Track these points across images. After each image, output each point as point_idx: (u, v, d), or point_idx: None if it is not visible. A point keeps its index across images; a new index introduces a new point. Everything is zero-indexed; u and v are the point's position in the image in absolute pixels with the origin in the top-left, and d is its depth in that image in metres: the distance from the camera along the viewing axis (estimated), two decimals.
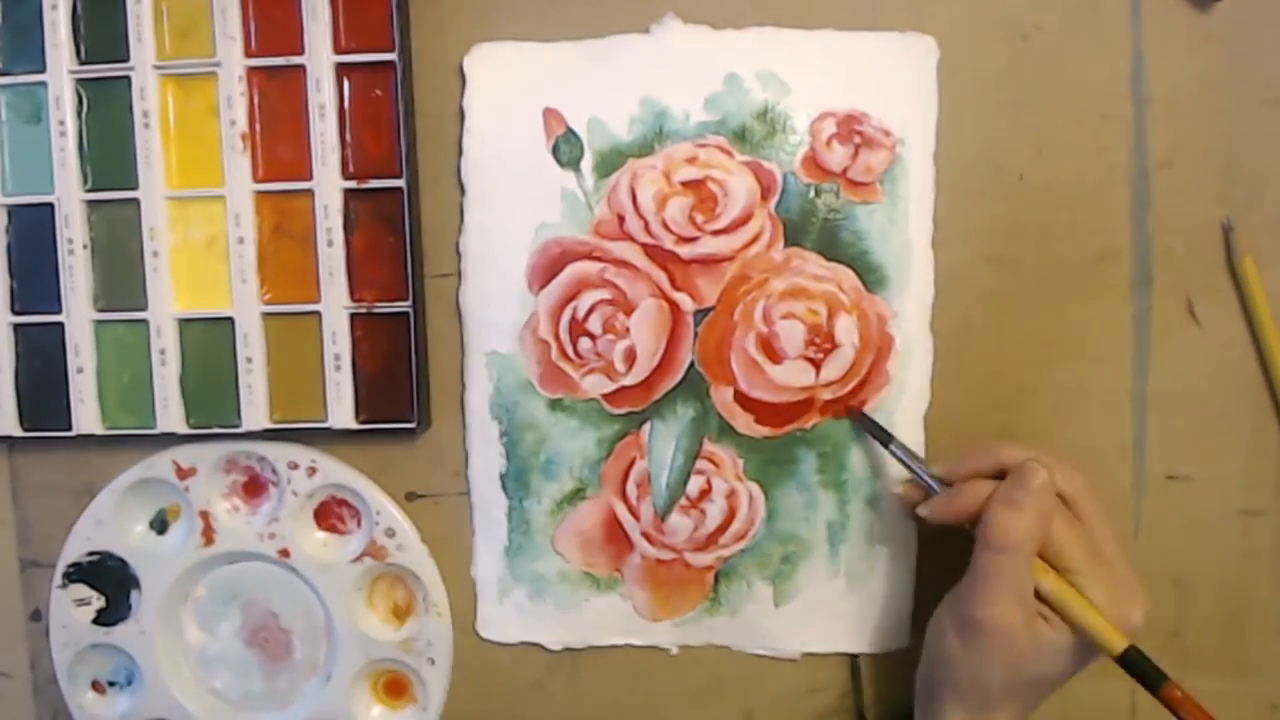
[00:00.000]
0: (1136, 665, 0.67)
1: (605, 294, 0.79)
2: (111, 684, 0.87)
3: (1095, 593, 0.67)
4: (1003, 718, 0.71)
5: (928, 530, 0.79)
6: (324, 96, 0.78)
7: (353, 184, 0.79)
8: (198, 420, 0.81)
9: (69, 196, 0.80)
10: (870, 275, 0.77)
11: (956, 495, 0.72)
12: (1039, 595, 0.68)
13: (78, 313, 0.81)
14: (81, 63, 0.80)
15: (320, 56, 0.78)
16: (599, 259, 0.78)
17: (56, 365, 0.81)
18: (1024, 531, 0.66)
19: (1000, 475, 0.70)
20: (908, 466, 0.76)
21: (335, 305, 0.79)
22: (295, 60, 0.78)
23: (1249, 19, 0.76)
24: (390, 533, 0.82)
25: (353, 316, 0.80)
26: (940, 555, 0.79)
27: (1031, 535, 0.67)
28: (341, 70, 0.78)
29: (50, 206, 0.80)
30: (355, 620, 0.83)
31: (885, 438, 0.77)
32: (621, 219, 0.78)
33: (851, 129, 0.77)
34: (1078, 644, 0.68)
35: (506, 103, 0.78)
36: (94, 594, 0.85)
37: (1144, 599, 0.69)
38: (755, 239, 0.77)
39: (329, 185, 0.79)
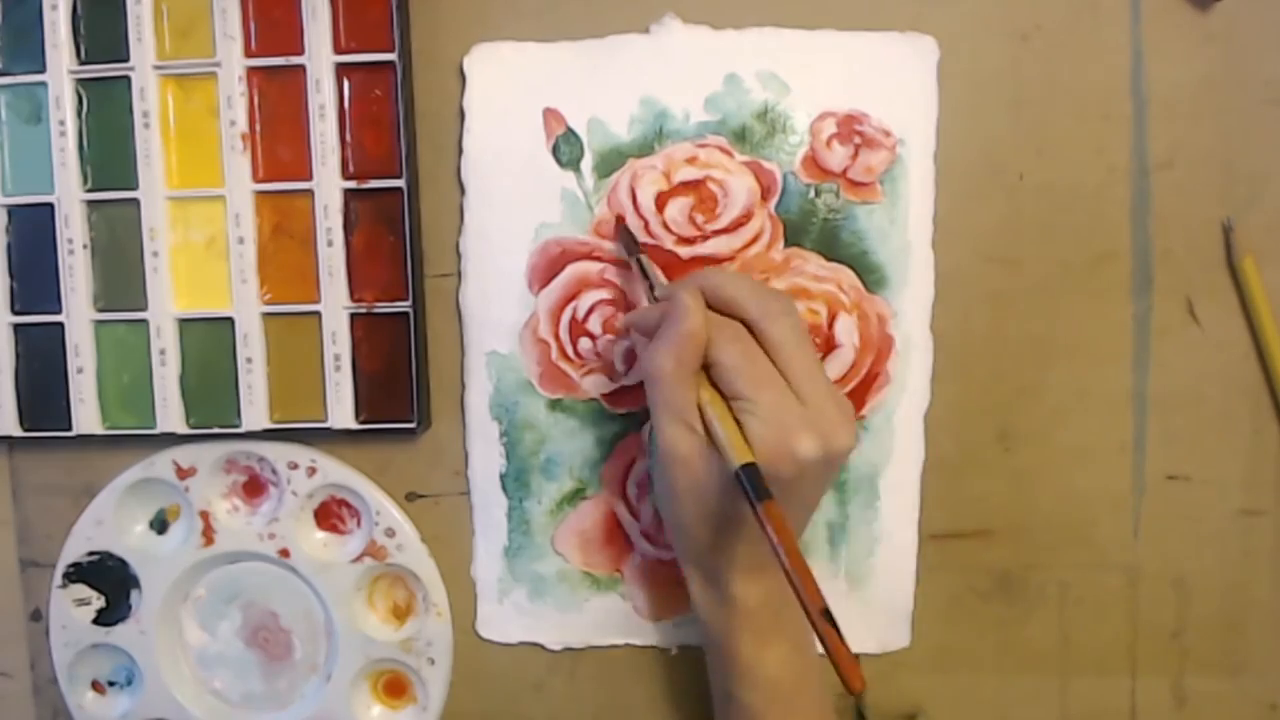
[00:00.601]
0: (750, 480, 0.61)
1: (605, 294, 0.79)
2: (111, 684, 0.87)
3: (754, 419, 0.64)
4: (730, 574, 0.69)
5: (929, 532, 0.79)
6: (324, 96, 0.78)
7: (353, 184, 0.79)
8: (198, 420, 0.81)
9: (69, 196, 0.80)
10: (870, 275, 0.77)
11: (647, 312, 0.71)
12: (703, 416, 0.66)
13: (78, 313, 0.81)
14: (81, 63, 0.80)
15: (320, 56, 0.78)
16: (599, 259, 0.79)
17: (56, 365, 0.81)
18: (662, 360, 0.65)
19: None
20: (647, 276, 0.74)
21: (335, 305, 0.79)
22: (295, 60, 0.78)
23: (1249, 19, 0.76)
24: (390, 533, 0.82)
25: (353, 316, 0.80)
26: (941, 556, 0.79)
27: (670, 363, 0.65)
28: (341, 70, 0.78)
29: (50, 206, 0.80)
30: (355, 620, 0.83)
31: (635, 249, 0.76)
32: (622, 219, 0.78)
33: (851, 129, 0.77)
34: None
35: (506, 103, 0.78)
36: (94, 594, 0.85)
37: (828, 433, 0.65)
38: (755, 239, 0.77)
39: (329, 185, 0.79)
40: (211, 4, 0.78)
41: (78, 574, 0.84)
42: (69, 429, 0.82)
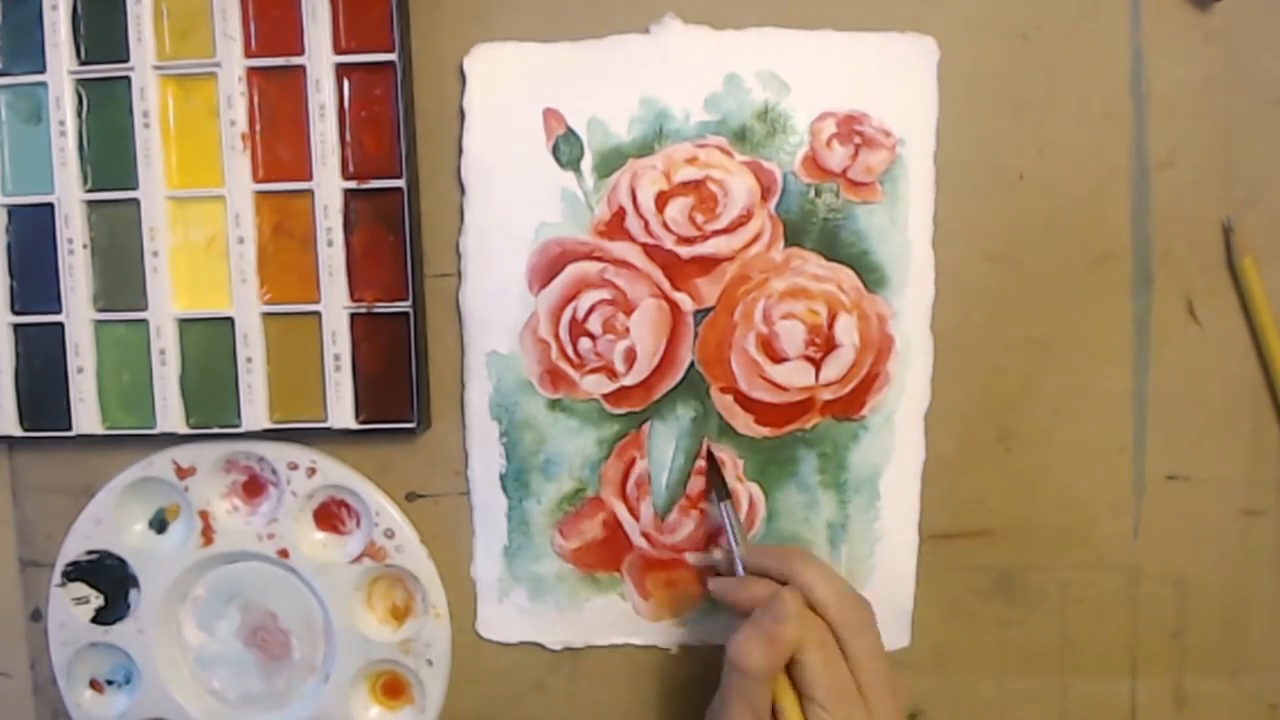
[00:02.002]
0: None
1: (605, 294, 0.79)
2: (110, 683, 0.86)
3: None
4: None
5: (929, 532, 0.79)
6: (324, 96, 0.78)
7: (353, 184, 0.79)
8: (198, 420, 0.81)
9: (69, 196, 0.80)
10: (870, 275, 0.77)
11: (739, 587, 0.73)
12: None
13: (78, 313, 0.81)
14: (81, 63, 0.80)
15: (320, 56, 0.78)
16: (599, 259, 0.78)
17: (56, 365, 0.81)
18: (759, 660, 0.67)
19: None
20: (730, 529, 0.76)
21: (335, 305, 0.79)
22: (295, 60, 0.78)
23: (1249, 19, 0.76)
24: (389, 533, 0.82)
25: (353, 316, 0.80)
26: (940, 557, 0.79)
27: (766, 665, 0.67)
28: (341, 70, 0.78)
29: (50, 206, 0.80)
30: (354, 621, 0.83)
31: (723, 494, 0.77)
32: (621, 219, 0.78)
33: (851, 129, 0.77)
34: None
35: (506, 103, 0.78)
36: (93, 593, 0.85)
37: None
38: (755, 239, 0.78)
39: (329, 185, 0.79)
40: (211, 4, 0.78)
41: (76, 572, 0.84)
42: (69, 429, 0.82)
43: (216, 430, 0.81)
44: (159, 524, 0.85)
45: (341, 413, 0.80)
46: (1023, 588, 0.80)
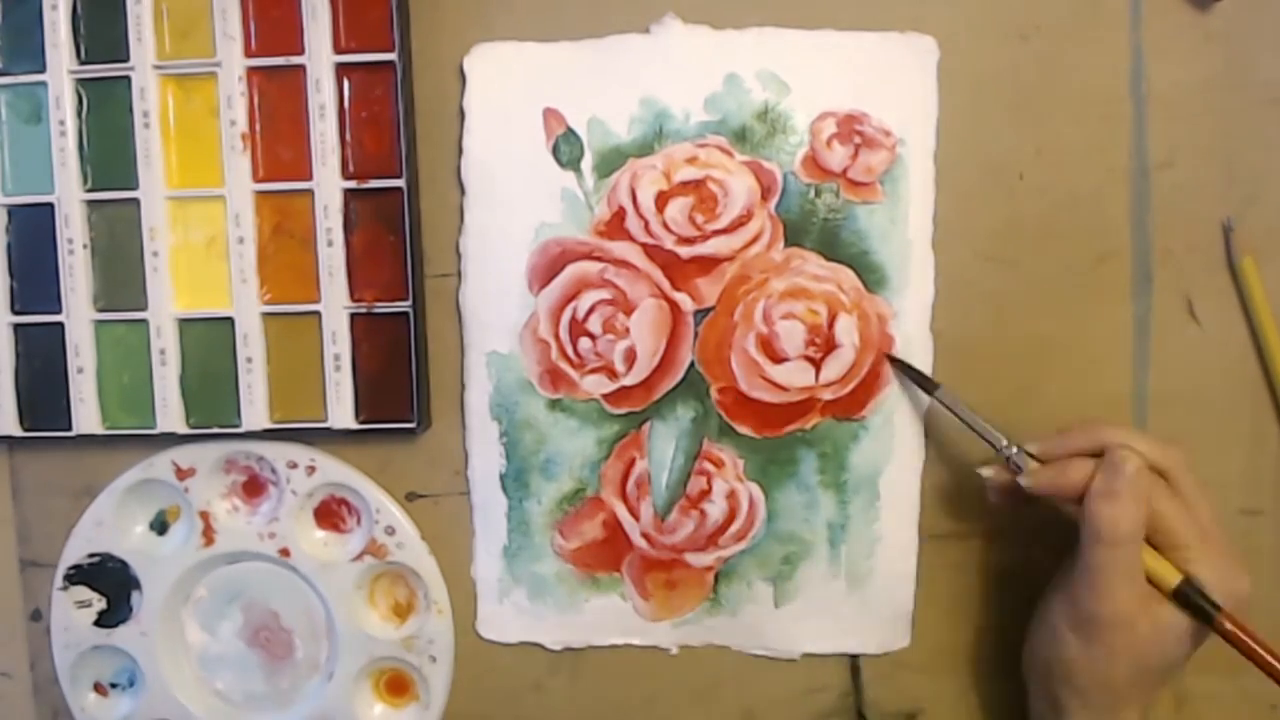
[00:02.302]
0: (1189, 596, 0.67)
1: (605, 294, 0.79)
2: (113, 685, 0.87)
3: (1203, 568, 0.68)
4: (1129, 714, 0.70)
5: (929, 532, 0.79)
6: (324, 96, 0.78)
7: (353, 184, 0.79)
8: (198, 420, 0.81)
9: (69, 196, 0.80)
10: (870, 275, 0.77)
11: (1064, 469, 0.71)
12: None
13: (78, 313, 0.81)
14: (81, 63, 0.80)
15: (320, 56, 0.78)
16: (599, 259, 0.79)
17: (56, 365, 0.81)
18: (1130, 522, 0.67)
19: (1097, 454, 0.71)
20: (964, 420, 0.75)
21: (335, 305, 0.79)
22: (295, 60, 0.78)
23: (1249, 19, 0.77)
24: (390, 530, 0.82)
25: (353, 316, 0.80)
26: (940, 557, 0.79)
27: (1136, 524, 0.67)
28: (341, 70, 0.78)
29: (50, 206, 0.80)
30: (356, 619, 0.83)
31: (931, 384, 0.77)
32: (621, 219, 0.78)
33: (851, 129, 0.77)
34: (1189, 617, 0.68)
35: (506, 103, 0.78)
36: (95, 596, 0.85)
37: (1245, 570, 0.69)
38: (755, 239, 0.78)
39: (329, 185, 0.79)
40: (211, 4, 0.78)
41: (78, 576, 0.84)
42: (69, 429, 0.82)
43: (216, 430, 0.81)
44: (160, 525, 0.85)
45: (341, 413, 0.80)
46: (1023, 588, 0.80)
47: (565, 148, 0.78)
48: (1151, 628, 0.68)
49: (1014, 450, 0.73)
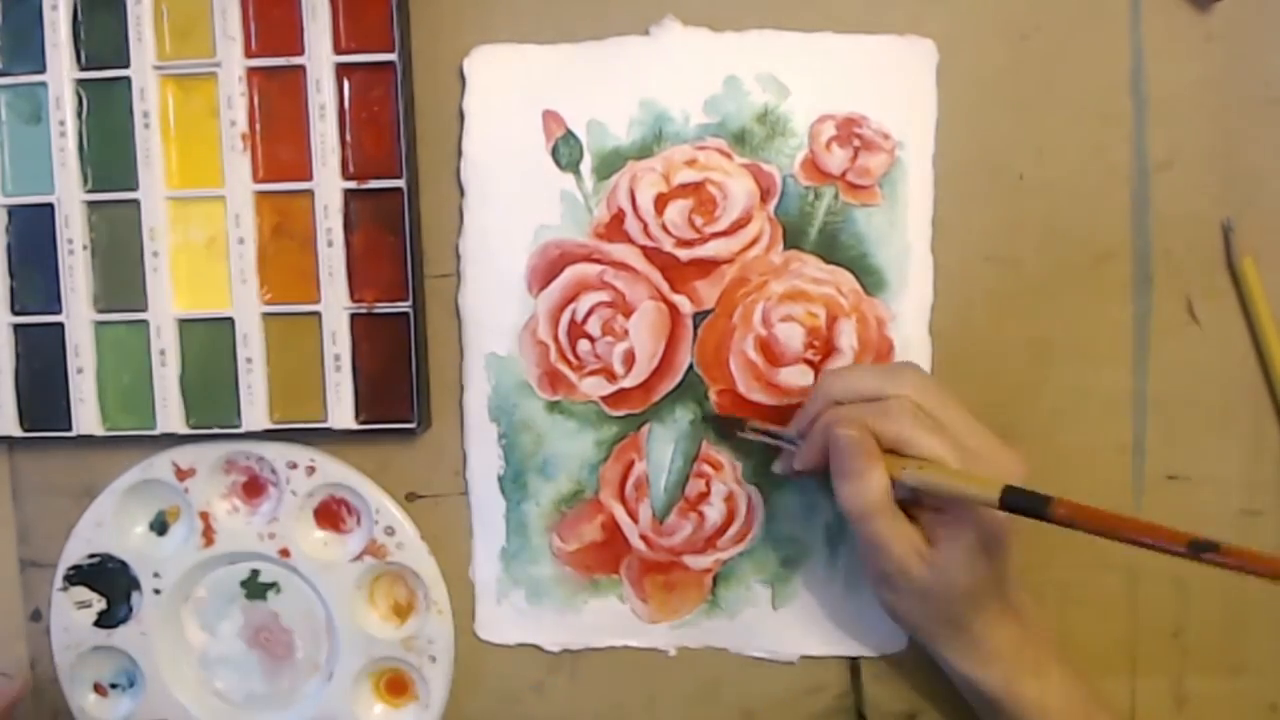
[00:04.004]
0: (1017, 501, 0.64)
1: (604, 296, 0.79)
2: (113, 686, 0.87)
3: (987, 471, 0.67)
4: (981, 628, 0.71)
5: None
6: (324, 97, 0.78)
7: (353, 184, 0.79)
8: (198, 420, 0.81)
9: (69, 197, 0.80)
10: (869, 278, 0.77)
11: (810, 445, 0.71)
12: (909, 490, 0.68)
13: (78, 313, 0.81)
14: (81, 63, 0.80)
15: (320, 57, 0.78)
16: (598, 261, 0.79)
17: (56, 365, 0.81)
18: (870, 493, 0.67)
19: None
20: (770, 436, 0.76)
21: (335, 305, 0.79)
22: (295, 60, 0.78)
23: (1249, 19, 0.76)
24: (390, 531, 0.82)
25: (353, 317, 0.80)
26: None
27: (877, 491, 0.67)
28: (341, 70, 0.78)
29: (50, 206, 0.80)
30: (356, 619, 0.83)
31: (739, 425, 0.78)
32: (621, 221, 0.78)
33: (851, 132, 0.77)
34: (968, 546, 0.68)
35: (506, 104, 0.78)
36: (95, 596, 0.85)
37: (1021, 461, 0.69)
38: (754, 241, 0.78)
39: (329, 185, 0.79)
40: (211, 4, 0.78)
41: (78, 576, 0.84)
42: (69, 429, 0.82)
43: (216, 430, 0.81)
44: (160, 526, 0.85)
45: (341, 413, 0.80)
46: (1022, 588, 0.80)
47: (565, 150, 0.78)
48: (930, 572, 0.68)
49: (792, 439, 0.74)
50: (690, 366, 0.79)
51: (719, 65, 0.77)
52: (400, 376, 0.80)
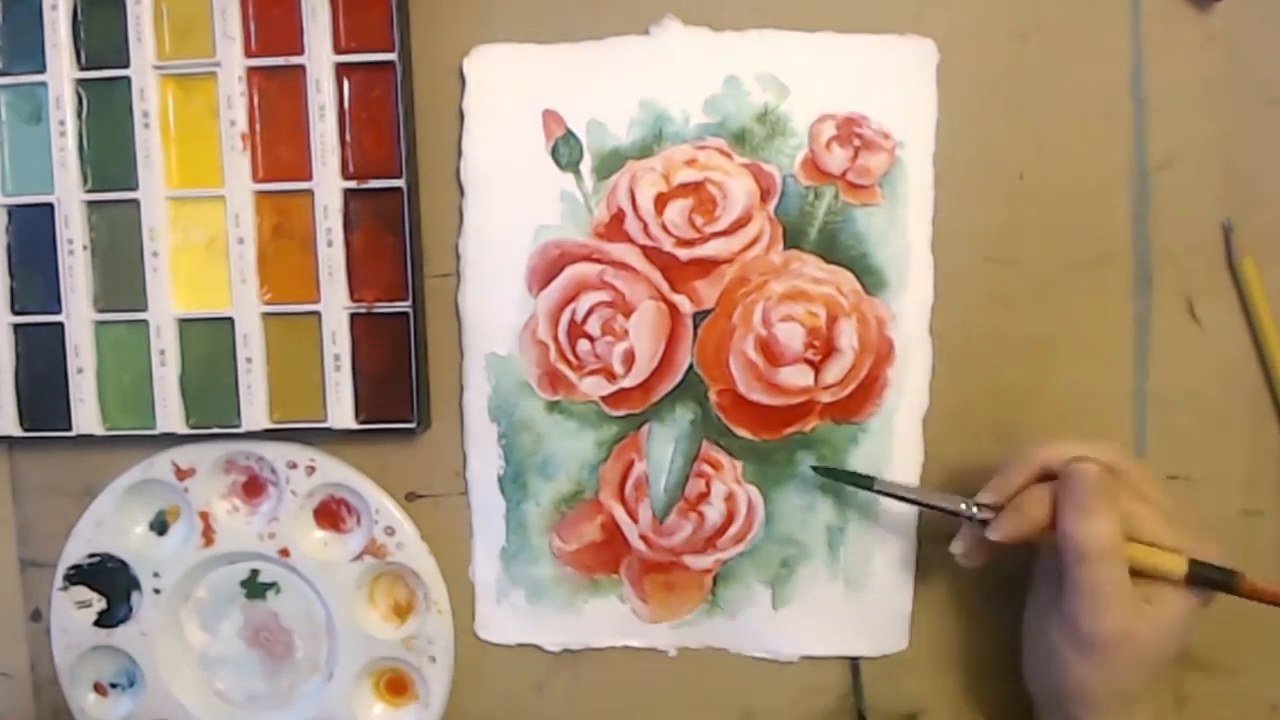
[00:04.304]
0: (1206, 575, 0.67)
1: (604, 296, 0.79)
2: (113, 685, 0.87)
3: (1178, 545, 0.68)
4: (1143, 712, 0.70)
5: (928, 533, 0.79)
6: (324, 97, 0.78)
7: (353, 184, 0.79)
8: (198, 420, 0.81)
9: (69, 196, 0.80)
10: (869, 278, 0.77)
11: (1023, 509, 0.70)
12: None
13: (78, 313, 0.81)
14: (81, 63, 0.80)
15: (320, 57, 0.78)
16: (598, 261, 0.79)
17: (56, 365, 0.81)
18: (1109, 532, 0.66)
19: (1048, 477, 0.71)
20: (909, 501, 0.76)
21: (335, 305, 0.79)
22: (295, 60, 0.78)
23: (1249, 19, 0.76)
24: (390, 531, 0.82)
25: (353, 317, 0.80)
26: (939, 558, 0.79)
27: (1116, 532, 0.66)
28: (341, 70, 0.78)
29: (50, 206, 0.80)
30: (356, 619, 0.83)
31: (866, 480, 0.77)
32: (621, 221, 0.78)
33: (851, 131, 0.77)
34: (1181, 603, 0.68)
35: (506, 104, 0.78)
36: (95, 596, 0.85)
37: (1211, 541, 0.69)
38: (754, 241, 0.78)
39: (329, 185, 0.79)
40: (211, 4, 0.78)
41: (78, 576, 0.84)
42: (69, 429, 0.82)
43: (216, 430, 0.81)
44: (160, 526, 0.85)
45: (341, 413, 0.80)
46: (1022, 588, 0.80)
47: (564, 149, 0.78)
48: (1152, 629, 0.67)
49: (973, 509, 0.72)
50: (690, 366, 0.79)
51: (719, 65, 0.77)
52: (400, 376, 0.80)
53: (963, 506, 0.73)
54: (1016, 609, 0.77)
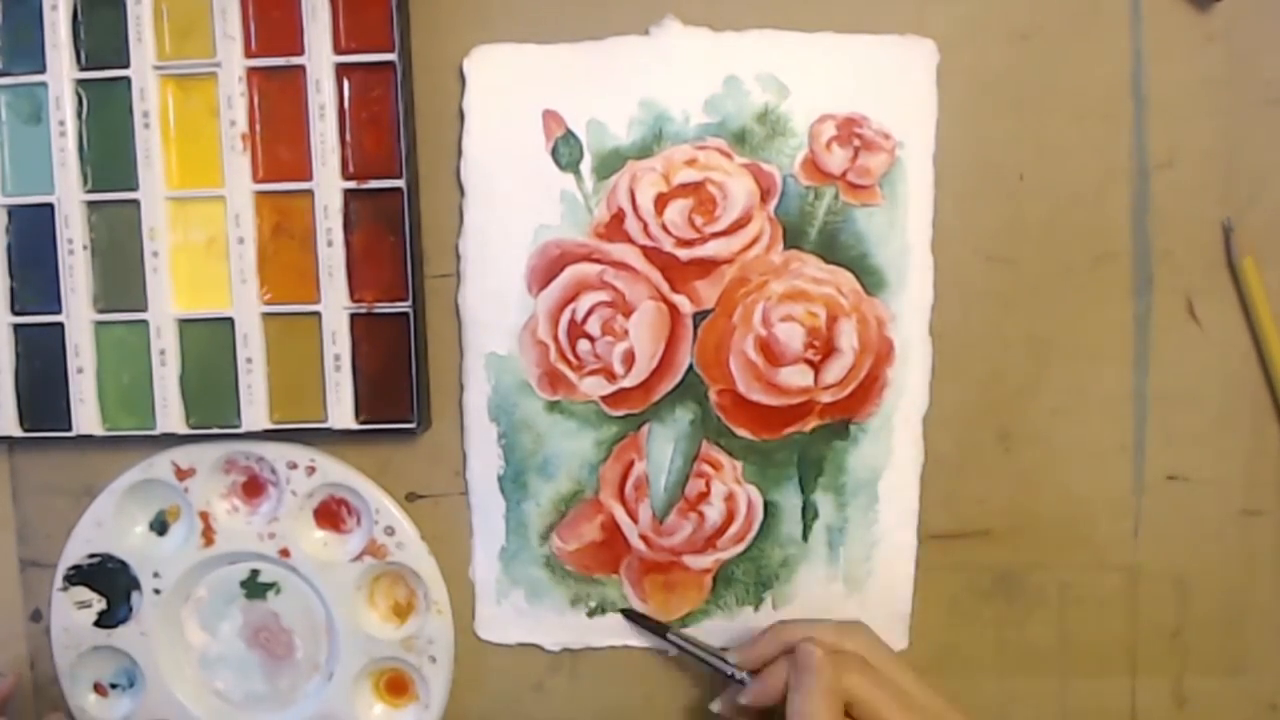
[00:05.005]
0: None
1: (604, 296, 0.79)
2: (113, 685, 0.87)
3: None
4: None
5: (927, 534, 0.79)
6: (324, 97, 0.78)
7: (353, 184, 0.79)
8: (198, 420, 0.81)
9: (69, 197, 0.80)
10: (869, 278, 0.77)
11: (767, 680, 0.74)
12: None
13: (78, 313, 0.81)
14: (81, 63, 0.80)
15: (320, 57, 0.78)
16: (598, 261, 0.79)
17: (56, 365, 0.81)
18: (823, 712, 0.68)
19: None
20: (693, 654, 0.79)
21: (335, 305, 0.79)
22: (295, 60, 0.78)
23: (1249, 19, 0.76)
24: (390, 531, 0.82)
25: (353, 317, 0.80)
26: (939, 558, 0.79)
27: (831, 712, 0.69)
28: (341, 70, 0.78)
29: (50, 206, 0.80)
30: (356, 619, 0.83)
31: (661, 628, 0.81)
32: (621, 221, 0.78)
33: (851, 132, 0.77)
34: None
35: (506, 104, 0.78)
36: (95, 596, 0.85)
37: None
38: (754, 241, 0.78)
39: (329, 185, 0.79)
40: (211, 4, 0.78)
41: (78, 576, 0.84)
42: (69, 429, 0.82)
43: (216, 430, 0.81)
44: (160, 526, 0.85)
45: (341, 413, 0.80)
46: (1022, 588, 0.80)
47: (564, 149, 0.78)
48: None
49: (742, 673, 0.76)
50: (690, 366, 0.79)
51: (719, 65, 0.77)
52: (400, 376, 0.80)
53: (731, 668, 0.77)
54: (1015, 609, 0.78)
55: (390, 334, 0.80)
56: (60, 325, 0.81)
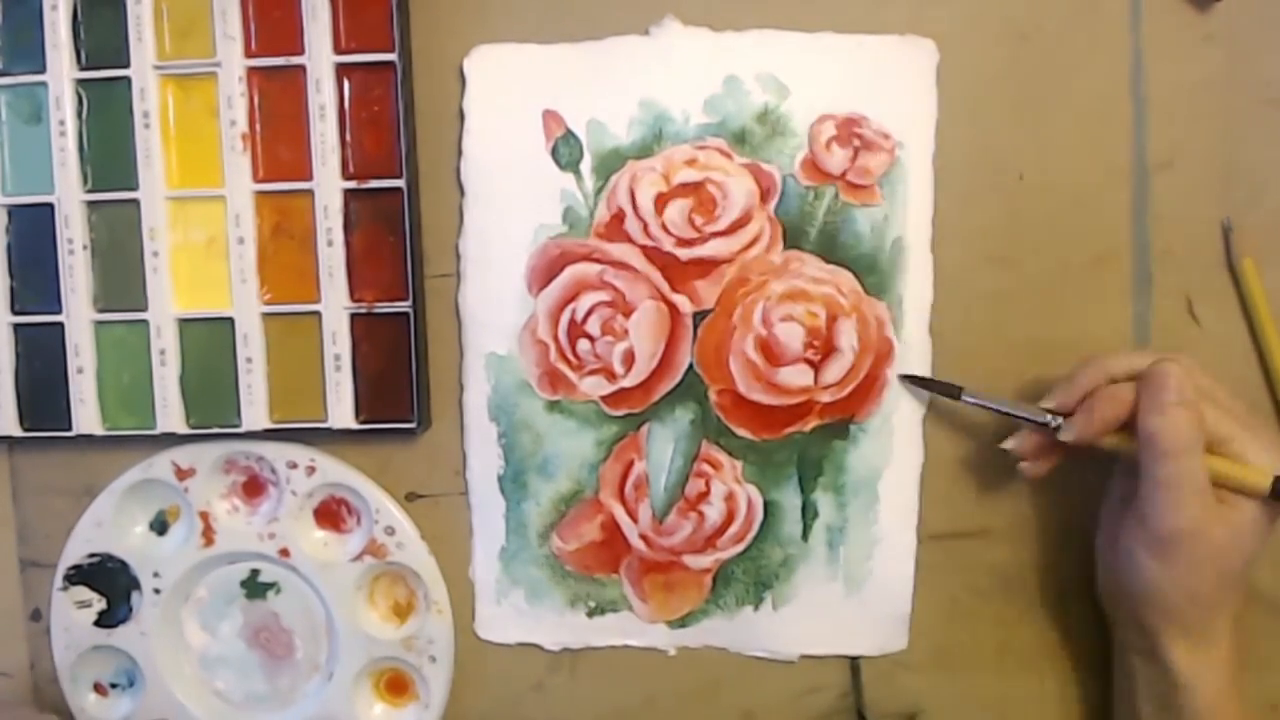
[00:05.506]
0: None
1: (604, 296, 0.79)
2: (113, 685, 0.87)
3: (1260, 452, 0.68)
4: (1221, 624, 0.71)
5: (927, 534, 0.79)
6: (324, 97, 0.78)
7: (353, 184, 0.79)
8: (198, 420, 0.81)
9: (69, 196, 0.80)
10: (869, 278, 0.77)
11: (1095, 410, 0.71)
12: None
13: (78, 313, 0.81)
14: (81, 63, 0.80)
15: (320, 57, 0.78)
16: (598, 261, 0.79)
17: (56, 365, 0.81)
18: (1189, 428, 0.67)
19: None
20: (996, 411, 0.76)
21: (335, 305, 0.79)
22: (295, 60, 0.78)
23: (1249, 19, 0.76)
24: (390, 531, 0.82)
25: (353, 316, 0.80)
26: (939, 558, 0.79)
27: (1195, 429, 0.67)
28: (341, 70, 0.78)
29: (50, 206, 0.80)
30: (356, 619, 0.83)
31: (952, 391, 0.77)
32: (621, 221, 0.78)
33: (851, 131, 0.77)
34: (1259, 509, 0.68)
35: (506, 104, 0.78)
36: (95, 596, 0.85)
37: None
38: (754, 241, 0.78)
39: (329, 185, 0.79)
40: (211, 4, 0.78)
41: (78, 576, 0.84)
42: (69, 429, 0.82)
43: (216, 430, 0.81)
44: (160, 525, 0.85)
45: (341, 413, 0.80)
46: (1022, 588, 0.80)
47: (564, 149, 0.78)
48: (1226, 531, 0.68)
49: (1049, 417, 0.73)
50: (690, 366, 0.79)
51: (719, 65, 0.77)
52: (400, 376, 0.80)
53: (1044, 416, 0.73)
54: (1016, 609, 0.78)
55: (390, 334, 0.80)
56: (60, 325, 0.81)
